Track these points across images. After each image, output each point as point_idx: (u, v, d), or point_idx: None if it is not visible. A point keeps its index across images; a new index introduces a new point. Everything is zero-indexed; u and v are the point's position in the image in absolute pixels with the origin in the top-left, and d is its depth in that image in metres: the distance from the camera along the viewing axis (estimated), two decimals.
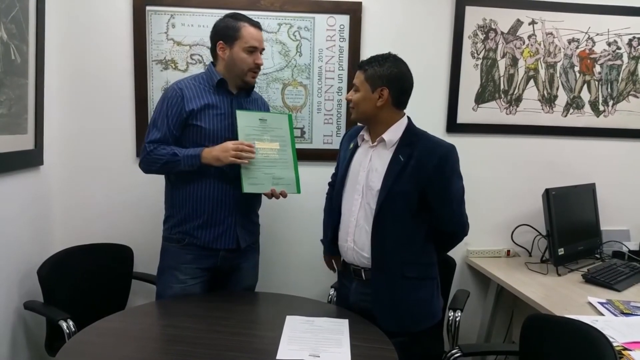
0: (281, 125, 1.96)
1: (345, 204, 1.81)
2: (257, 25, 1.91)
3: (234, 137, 1.87)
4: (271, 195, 1.90)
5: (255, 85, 2.34)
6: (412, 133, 1.75)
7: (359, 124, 1.88)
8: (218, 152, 1.81)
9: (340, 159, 1.90)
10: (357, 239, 1.76)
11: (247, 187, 1.85)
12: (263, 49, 1.94)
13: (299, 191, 1.95)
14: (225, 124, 1.90)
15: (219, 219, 1.91)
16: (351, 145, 1.85)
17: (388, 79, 1.71)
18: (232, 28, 1.88)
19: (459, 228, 1.78)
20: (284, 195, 1.92)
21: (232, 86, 1.95)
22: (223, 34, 1.90)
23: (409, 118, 1.79)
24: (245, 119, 1.89)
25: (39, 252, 2.13)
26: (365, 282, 1.77)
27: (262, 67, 1.96)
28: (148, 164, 1.90)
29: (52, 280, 2.00)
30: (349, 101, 1.80)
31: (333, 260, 1.99)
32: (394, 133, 1.74)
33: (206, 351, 1.47)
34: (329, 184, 2.06)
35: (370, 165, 1.75)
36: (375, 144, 1.77)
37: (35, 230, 2.18)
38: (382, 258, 1.72)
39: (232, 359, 1.44)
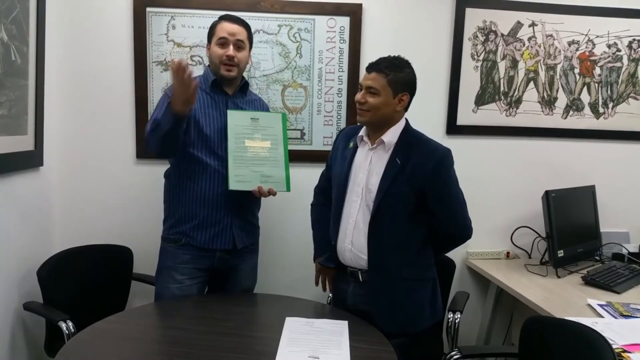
0: (274, 124, 1.97)
1: (345, 206, 1.81)
2: (233, 19, 1.94)
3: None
4: (259, 193, 1.90)
5: (255, 86, 2.37)
6: (409, 135, 1.76)
7: (365, 126, 1.84)
8: (180, 97, 1.66)
9: (338, 158, 1.88)
10: (355, 240, 1.76)
11: (233, 184, 1.87)
12: (239, 41, 1.92)
13: (288, 189, 1.95)
14: (220, 124, 1.91)
15: (215, 219, 1.92)
16: (350, 145, 1.85)
17: (409, 85, 1.73)
18: (212, 26, 1.95)
19: (461, 231, 1.79)
20: (273, 193, 1.91)
21: (227, 86, 1.96)
22: (208, 34, 1.97)
23: (406, 120, 1.80)
24: (235, 118, 1.91)
25: (38, 253, 2.13)
26: (363, 284, 1.77)
27: (241, 61, 1.92)
28: (149, 143, 1.83)
29: (51, 281, 2.00)
30: (361, 103, 1.73)
31: (328, 277, 1.97)
32: (392, 135, 1.75)
33: (205, 352, 1.46)
34: (315, 192, 2.03)
35: (370, 168, 1.76)
36: (374, 146, 1.77)
37: (35, 231, 2.18)
38: (379, 259, 1.72)
39: None
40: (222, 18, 1.95)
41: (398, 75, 1.71)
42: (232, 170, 1.87)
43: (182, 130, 1.78)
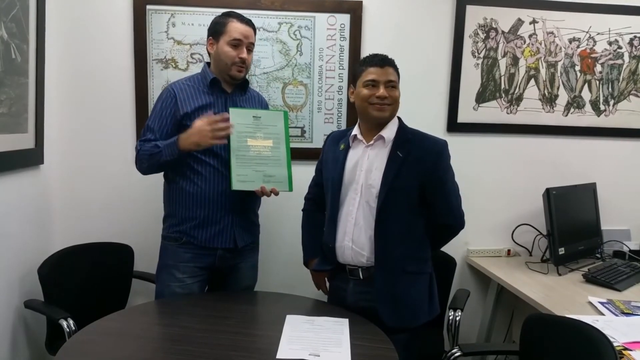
0: (276, 122, 1.96)
1: (343, 205, 1.81)
2: (245, 21, 1.92)
3: (228, 136, 1.86)
4: (262, 193, 1.89)
5: (256, 84, 2.36)
6: (406, 131, 1.78)
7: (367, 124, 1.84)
8: (197, 138, 1.79)
9: (329, 161, 1.87)
10: (355, 238, 1.76)
11: (236, 184, 1.85)
12: (251, 44, 1.94)
13: (290, 189, 1.94)
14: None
15: (216, 218, 1.91)
16: (341, 147, 1.84)
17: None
18: (220, 23, 1.91)
19: (457, 221, 1.81)
20: (275, 192, 1.90)
21: (226, 85, 1.95)
22: (212, 30, 1.93)
23: (399, 117, 1.82)
24: (238, 117, 1.89)
25: (39, 251, 2.13)
26: (364, 281, 1.78)
27: (249, 63, 1.95)
28: (139, 162, 1.91)
29: (52, 279, 2.01)
30: (384, 97, 1.71)
31: (321, 279, 1.98)
32: (390, 131, 1.76)
33: (206, 350, 1.46)
34: (306, 198, 2.02)
35: (369, 164, 1.76)
36: (372, 142, 1.77)
37: (36, 229, 2.18)
38: (384, 254, 1.73)
39: (233, 358, 1.43)
40: (232, 16, 1.91)
41: (397, 70, 1.77)
42: (234, 169, 1.85)
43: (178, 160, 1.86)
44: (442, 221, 1.78)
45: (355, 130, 1.82)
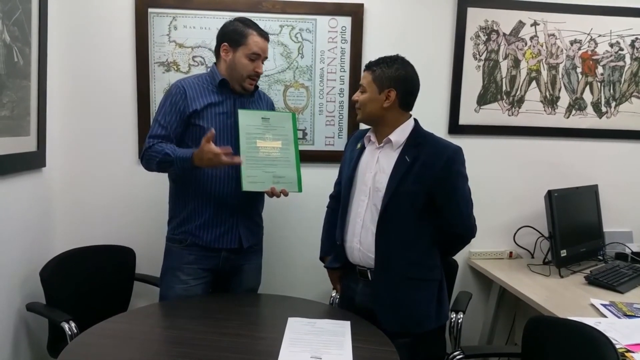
0: (284, 124, 1.96)
1: (352, 205, 1.81)
2: (265, 35, 1.93)
3: (236, 136, 1.87)
4: (272, 194, 1.89)
5: (259, 84, 2.36)
6: (418, 134, 1.76)
7: (366, 125, 1.87)
8: (208, 163, 1.78)
9: (346, 160, 1.89)
10: (363, 239, 1.76)
11: (247, 185, 1.85)
12: (266, 58, 1.96)
13: (300, 190, 1.94)
14: (227, 123, 1.90)
15: (221, 218, 1.92)
16: (358, 146, 1.85)
17: (396, 81, 1.71)
18: (240, 33, 1.89)
19: (467, 230, 1.78)
20: (285, 193, 1.90)
21: (234, 87, 1.95)
22: (230, 37, 1.91)
23: (416, 120, 1.80)
24: (247, 118, 1.89)
25: (41, 254, 2.14)
26: (371, 283, 1.77)
27: (261, 74, 1.96)
28: (147, 161, 1.91)
29: (54, 282, 2.01)
30: (355, 101, 1.79)
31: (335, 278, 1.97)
32: (400, 134, 1.74)
33: (208, 353, 1.47)
34: (331, 195, 2.03)
35: (378, 167, 1.76)
36: (381, 145, 1.77)
37: (38, 231, 2.18)
38: (386, 258, 1.72)
39: None
40: (251, 27, 1.90)
41: (385, 71, 1.71)
42: (244, 171, 1.84)
43: None
44: (450, 229, 1.75)
45: (370, 132, 1.82)
